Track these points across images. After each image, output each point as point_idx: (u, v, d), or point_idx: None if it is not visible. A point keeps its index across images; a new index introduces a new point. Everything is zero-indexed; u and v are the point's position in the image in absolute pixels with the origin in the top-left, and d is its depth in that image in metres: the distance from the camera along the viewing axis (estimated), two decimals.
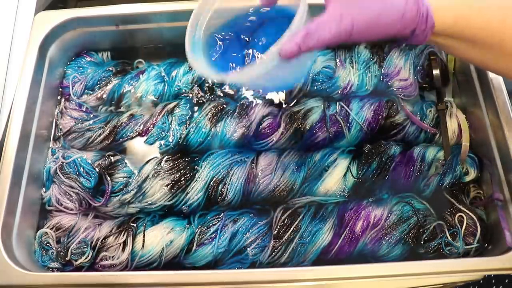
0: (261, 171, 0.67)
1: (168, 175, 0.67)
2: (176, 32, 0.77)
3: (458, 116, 0.70)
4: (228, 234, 0.63)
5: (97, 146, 0.71)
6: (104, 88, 0.74)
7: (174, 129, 0.70)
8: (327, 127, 0.69)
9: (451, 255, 0.63)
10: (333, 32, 0.42)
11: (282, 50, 0.42)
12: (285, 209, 0.66)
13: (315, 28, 0.42)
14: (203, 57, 0.53)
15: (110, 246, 0.63)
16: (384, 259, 0.64)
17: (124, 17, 0.74)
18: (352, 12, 0.42)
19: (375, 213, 0.64)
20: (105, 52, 0.79)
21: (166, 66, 0.75)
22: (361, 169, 0.67)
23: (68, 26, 0.74)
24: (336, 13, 0.42)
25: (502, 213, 0.63)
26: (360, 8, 0.42)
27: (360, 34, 0.43)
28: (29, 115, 0.68)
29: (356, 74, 0.73)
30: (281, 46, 0.42)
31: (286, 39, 0.42)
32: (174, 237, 0.64)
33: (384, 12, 0.43)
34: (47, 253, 0.64)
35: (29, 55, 0.70)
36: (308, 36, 0.42)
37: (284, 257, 0.63)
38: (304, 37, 0.42)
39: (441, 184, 0.67)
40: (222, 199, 0.66)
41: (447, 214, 0.66)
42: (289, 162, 0.67)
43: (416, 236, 0.64)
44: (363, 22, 0.42)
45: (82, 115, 0.73)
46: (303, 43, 0.42)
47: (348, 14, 0.42)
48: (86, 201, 0.66)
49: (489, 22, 0.45)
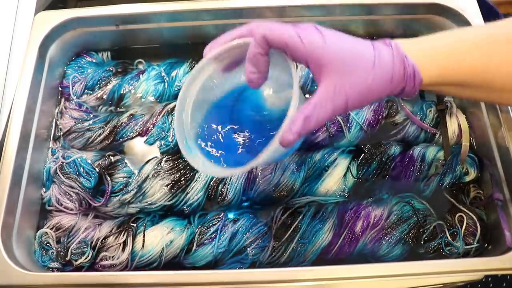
0: (261, 171, 0.67)
1: (168, 175, 0.67)
2: (176, 32, 0.77)
3: (458, 116, 0.70)
4: (228, 234, 0.63)
5: (97, 146, 0.71)
6: (104, 88, 0.74)
7: (174, 129, 0.70)
8: (327, 127, 0.69)
9: (451, 255, 0.63)
10: (330, 110, 0.42)
11: (283, 140, 0.42)
12: (285, 209, 0.65)
13: (311, 111, 0.42)
14: (199, 154, 0.52)
15: (110, 246, 0.63)
16: (384, 259, 0.64)
17: (124, 17, 0.74)
18: (345, 88, 0.42)
19: (375, 213, 0.64)
20: (105, 52, 0.79)
21: (166, 66, 0.75)
22: (361, 169, 0.67)
23: (68, 26, 0.74)
24: (330, 91, 0.42)
25: (502, 213, 0.63)
26: (351, 83, 0.42)
27: (355, 106, 0.44)
28: (29, 115, 0.68)
29: None
30: (281, 137, 0.42)
31: (285, 128, 0.42)
32: (174, 237, 0.64)
33: (374, 81, 0.43)
34: (47, 253, 0.64)
35: (29, 55, 0.70)
36: (307, 120, 0.42)
37: (284, 257, 0.63)
38: (303, 123, 0.42)
39: (441, 184, 0.67)
40: (222, 199, 0.66)
41: (447, 214, 0.66)
42: (289, 162, 0.67)
43: (416, 236, 0.64)
44: (356, 94, 0.43)
45: (82, 115, 0.73)
46: (303, 129, 0.42)
47: (341, 91, 0.42)
48: (86, 201, 0.66)
49: (475, 66, 0.45)
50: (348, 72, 0.42)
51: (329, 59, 0.42)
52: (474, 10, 0.71)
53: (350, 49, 0.43)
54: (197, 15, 0.74)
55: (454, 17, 0.72)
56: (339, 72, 0.42)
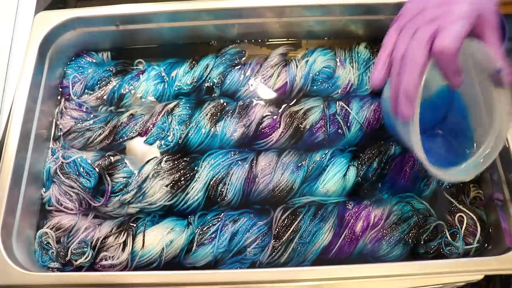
0: (260, 171, 0.67)
1: (168, 175, 0.67)
2: (176, 32, 0.77)
3: None
4: (228, 234, 0.63)
5: (97, 146, 0.71)
6: (104, 88, 0.74)
7: (174, 129, 0.70)
8: (327, 127, 0.69)
9: (451, 255, 0.63)
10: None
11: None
12: (285, 209, 0.66)
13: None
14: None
15: (110, 246, 0.63)
16: (384, 259, 0.64)
17: (124, 17, 0.74)
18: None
19: (375, 213, 0.64)
20: (105, 52, 0.79)
21: (166, 66, 0.75)
22: (361, 169, 0.67)
23: (68, 26, 0.74)
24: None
25: (502, 213, 0.63)
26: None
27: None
28: (29, 115, 0.68)
29: (356, 74, 0.73)
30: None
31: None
32: (174, 237, 0.64)
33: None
34: (47, 253, 0.64)
35: (29, 55, 0.70)
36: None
37: (284, 257, 0.63)
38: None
39: (441, 184, 0.67)
40: (222, 199, 0.66)
41: (447, 214, 0.66)
42: (289, 161, 0.67)
43: (416, 236, 0.64)
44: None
45: (82, 115, 0.73)
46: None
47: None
48: (86, 201, 0.66)
49: None
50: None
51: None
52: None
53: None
54: (197, 15, 0.74)
55: None
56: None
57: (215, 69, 0.75)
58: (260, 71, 0.74)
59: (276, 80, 0.73)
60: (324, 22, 0.76)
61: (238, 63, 0.76)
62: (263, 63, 0.75)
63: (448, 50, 0.43)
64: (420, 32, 0.46)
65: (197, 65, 0.75)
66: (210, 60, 0.75)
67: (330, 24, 0.77)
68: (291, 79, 0.73)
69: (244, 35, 0.79)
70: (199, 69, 0.74)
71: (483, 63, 0.48)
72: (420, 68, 0.44)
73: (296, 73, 0.73)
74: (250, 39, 0.80)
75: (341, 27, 0.77)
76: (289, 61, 0.75)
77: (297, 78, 0.73)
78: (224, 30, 0.77)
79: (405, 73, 0.45)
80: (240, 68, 0.75)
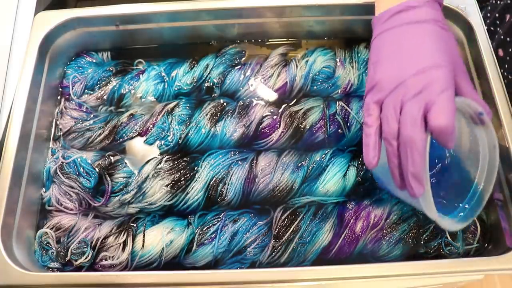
0: (260, 171, 0.67)
1: (168, 175, 0.67)
2: (176, 32, 0.77)
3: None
4: (228, 234, 0.63)
5: (97, 146, 0.71)
6: (104, 88, 0.74)
7: (174, 129, 0.70)
8: (327, 127, 0.69)
9: (451, 255, 0.63)
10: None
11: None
12: (285, 209, 0.66)
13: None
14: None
15: (110, 246, 0.63)
16: (384, 259, 0.64)
17: (124, 17, 0.74)
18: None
19: (375, 213, 0.64)
20: (105, 52, 0.79)
21: (166, 66, 0.75)
22: (361, 169, 0.67)
23: (68, 26, 0.74)
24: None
25: (502, 213, 0.63)
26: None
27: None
28: (29, 115, 0.68)
29: (356, 74, 0.73)
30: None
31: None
32: (174, 237, 0.64)
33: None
34: (47, 253, 0.64)
35: (29, 55, 0.70)
36: None
37: (284, 257, 0.63)
38: None
39: None
40: (222, 199, 0.66)
41: None
42: (289, 161, 0.67)
43: (416, 236, 0.64)
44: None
45: (82, 115, 0.73)
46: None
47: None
48: (86, 201, 0.66)
49: None
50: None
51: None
52: (474, 10, 0.71)
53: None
54: (197, 15, 0.74)
55: (454, 17, 0.72)
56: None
57: (215, 69, 0.75)
58: (260, 71, 0.74)
59: (276, 80, 0.73)
60: (324, 22, 0.76)
61: (238, 63, 0.76)
62: (263, 63, 0.75)
63: (447, 129, 0.43)
64: (408, 108, 0.46)
65: (197, 65, 0.75)
66: (210, 60, 0.75)
67: (330, 24, 0.77)
68: (291, 79, 0.73)
69: (244, 35, 0.79)
70: (199, 69, 0.74)
71: (463, 110, 0.51)
72: (421, 149, 0.45)
73: (296, 73, 0.73)
74: (250, 39, 0.80)
75: (341, 27, 0.77)
76: (289, 61, 0.75)
77: (297, 78, 0.73)
78: (224, 30, 0.77)
79: (408, 157, 0.46)
80: (240, 68, 0.75)
